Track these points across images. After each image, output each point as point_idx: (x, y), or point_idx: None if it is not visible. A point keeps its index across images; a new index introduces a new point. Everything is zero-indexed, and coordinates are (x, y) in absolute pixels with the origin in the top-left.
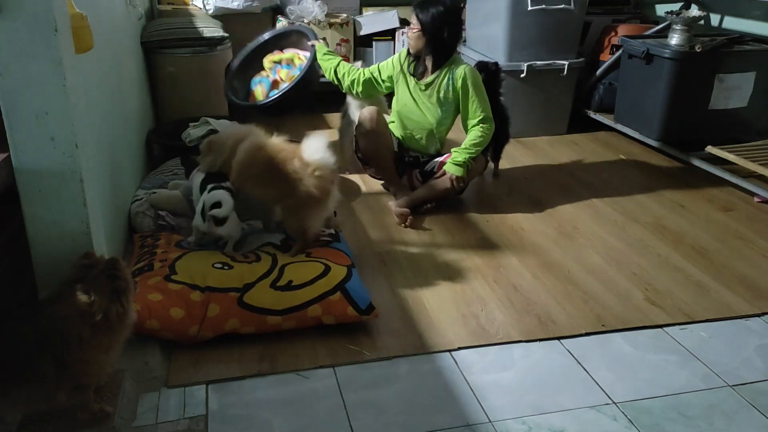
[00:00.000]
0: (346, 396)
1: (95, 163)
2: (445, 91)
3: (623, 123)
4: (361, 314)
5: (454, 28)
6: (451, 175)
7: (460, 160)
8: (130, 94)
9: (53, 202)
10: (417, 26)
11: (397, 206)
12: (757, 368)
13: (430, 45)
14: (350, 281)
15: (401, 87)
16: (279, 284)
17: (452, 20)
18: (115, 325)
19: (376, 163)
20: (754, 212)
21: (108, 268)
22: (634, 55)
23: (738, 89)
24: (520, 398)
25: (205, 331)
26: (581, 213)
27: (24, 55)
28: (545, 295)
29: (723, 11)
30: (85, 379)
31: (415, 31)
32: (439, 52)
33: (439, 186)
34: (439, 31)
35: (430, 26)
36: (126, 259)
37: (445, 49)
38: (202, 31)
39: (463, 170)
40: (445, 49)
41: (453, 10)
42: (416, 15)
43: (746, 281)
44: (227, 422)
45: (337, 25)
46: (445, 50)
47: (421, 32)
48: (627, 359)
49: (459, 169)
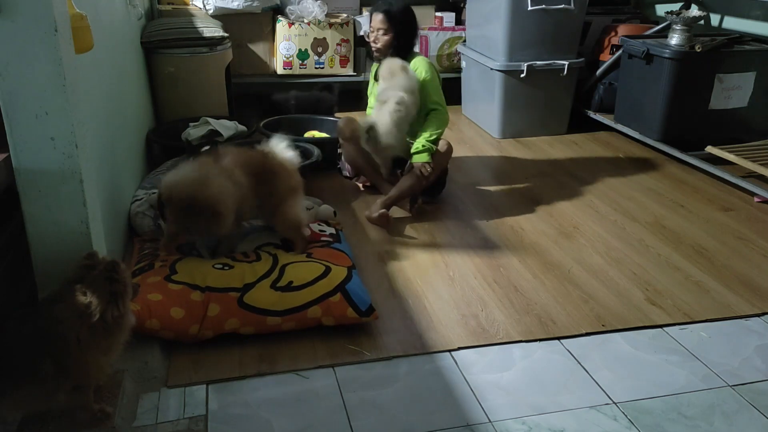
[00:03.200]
0: (346, 396)
1: (95, 163)
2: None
3: (623, 123)
4: (361, 316)
5: (413, 17)
6: (419, 165)
7: (420, 147)
8: (130, 94)
9: (53, 202)
10: (382, 25)
11: (371, 213)
12: (757, 368)
13: (396, 39)
14: (351, 282)
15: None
16: (279, 285)
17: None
18: (113, 328)
19: (363, 169)
20: (754, 212)
21: (107, 270)
22: (634, 55)
23: (738, 89)
24: (520, 398)
25: (205, 330)
26: (581, 213)
27: (24, 55)
28: (545, 295)
29: (723, 11)
30: (85, 379)
31: (381, 30)
32: (404, 45)
33: (405, 182)
34: (403, 24)
35: (397, 19)
36: (126, 260)
37: (410, 41)
38: (201, 31)
39: (427, 155)
40: (410, 40)
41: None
42: (381, 15)
43: (746, 281)
44: (227, 422)
45: (337, 25)
46: (409, 42)
47: (388, 29)
48: (627, 359)
49: (422, 155)
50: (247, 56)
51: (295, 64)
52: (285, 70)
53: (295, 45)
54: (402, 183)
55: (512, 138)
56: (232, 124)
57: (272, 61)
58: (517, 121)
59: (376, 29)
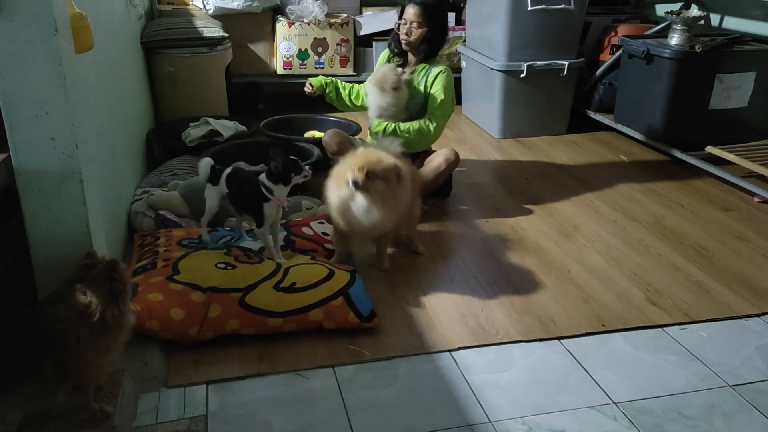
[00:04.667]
0: (346, 396)
1: (95, 163)
2: (420, 85)
3: (623, 123)
4: (363, 321)
5: (446, 15)
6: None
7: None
8: (130, 94)
9: (53, 202)
10: (417, 18)
11: None
12: (757, 368)
13: (430, 34)
14: (353, 287)
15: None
16: (282, 286)
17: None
18: (113, 327)
19: None
20: (753, 212)
21: (107, 269)
22: (634, 55)
23: (738, 89)
24: (520, 398)
25: (206, 331)
26: (581, 213)
27: (24, 55)
28: (545, 295)
29: (723, 11)
30: (85, 379)
31: (416, 23)
32: (436, 40)
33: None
34: (438, 19)
35: (433, 13)
36: (126, 260)
37: (442, 38)
38: (201, 31)
39: (380, 130)
40: (442, 37)
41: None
42: (418, 7)
43: (746, 281)
44: (227, 422)
45: (337, 25)
46: (441, 39)
47: (423, 22)
48: (627, 359)
49: (379, 125)
50: (247, 56)
51: (295, 64)
52: (285, 70)
53: (295, 45)
54: None
55: (512, 138)
56: (232, 124)
57: (272, 61)
58: (517, 121)
59: (410, 21)
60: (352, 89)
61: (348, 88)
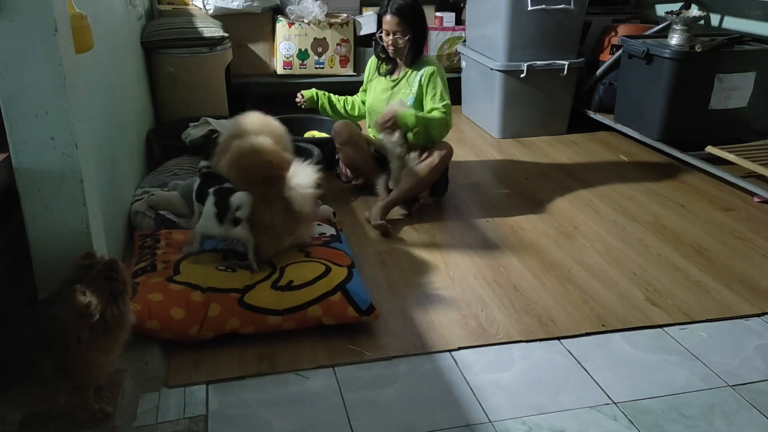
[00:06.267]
0: (346, 396)
1: (95, 163)
2: (413, 86)
3: (623, 123)
4: (362, 315)
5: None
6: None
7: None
8: (130, 94)
9: (53, 202)
10: (398, 27)
11: (373, 221)
12: (757, 368)
13: (412, 40)
14: (351, 282)
15: (373, 87)
16: (280, 284)
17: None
18: (113, 327)
19: (361, 171)
20: (753, 212)
21: (106, 269)
22: (634, 55)
23: (738, 89)
24: (520, 398)
25: (206, 331)
26: (581, 213)
27: (24, 55)
28: (545, 295)
29: (723, 11)
30: (85, 379)
31: (398, 33)
32: (420, 41)
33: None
34: (418, 23)
35: (412, 18)
36: (126, 260)
37: (424, 39)
38: (201, 31)
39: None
40: (424, 38)
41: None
42: (396, 17)
43: (746, 281)
44: (227, 422)
45: (337, 25)
46: (424, 39)
47: (405, 30)
48: (627, 359)
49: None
50: (247, 56)
51: (295, 64)
52: (285, 70)
53: (295, 45)
54: (402, 184)
55: (512, 138)
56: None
57: (272, 61)
58: (517, 121)
59: (392, 32)
60: (347, 101)
61: (342, 101)
